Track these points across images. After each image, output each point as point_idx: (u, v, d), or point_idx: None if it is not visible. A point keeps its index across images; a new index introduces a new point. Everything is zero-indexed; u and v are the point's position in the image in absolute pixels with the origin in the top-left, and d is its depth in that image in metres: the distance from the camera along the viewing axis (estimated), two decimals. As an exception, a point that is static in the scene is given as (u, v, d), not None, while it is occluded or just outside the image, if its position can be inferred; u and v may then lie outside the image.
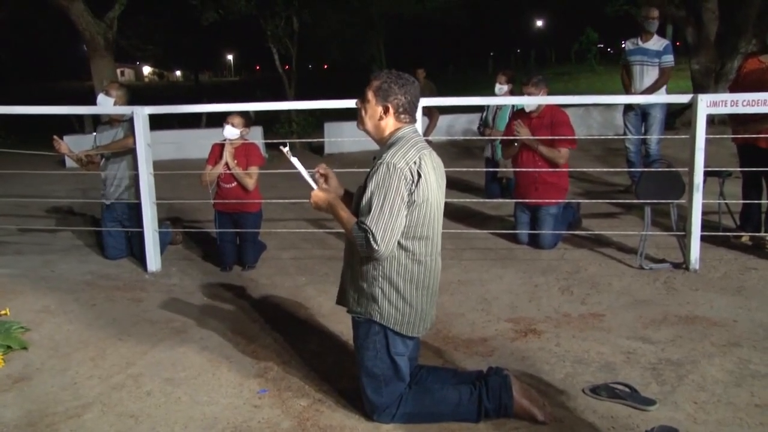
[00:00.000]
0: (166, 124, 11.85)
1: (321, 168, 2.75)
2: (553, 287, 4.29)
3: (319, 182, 2.71)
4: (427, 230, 2.54)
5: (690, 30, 10.80)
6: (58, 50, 32.82)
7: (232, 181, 4.91)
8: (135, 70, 73.45)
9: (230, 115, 4.87)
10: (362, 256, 2.52)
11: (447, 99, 5.29)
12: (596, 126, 10.95)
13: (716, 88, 10.37)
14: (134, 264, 5.10)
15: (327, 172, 2.74)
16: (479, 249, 5.17)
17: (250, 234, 4.99)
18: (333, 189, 2.72)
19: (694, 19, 10.72)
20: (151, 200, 4.85)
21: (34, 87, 33.73)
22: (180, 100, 7.66)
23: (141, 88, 42.26)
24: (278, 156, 10.34)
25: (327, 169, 2.76)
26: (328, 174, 2.74)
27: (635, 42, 6.63)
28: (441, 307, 3.76)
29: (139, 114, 4.71)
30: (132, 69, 72.72)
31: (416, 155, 2.47)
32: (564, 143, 5.02)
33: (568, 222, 5.31)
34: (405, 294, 2.54)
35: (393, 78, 2.53)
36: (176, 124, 12.36)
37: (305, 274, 4.75)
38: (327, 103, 4.92)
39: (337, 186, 2.75)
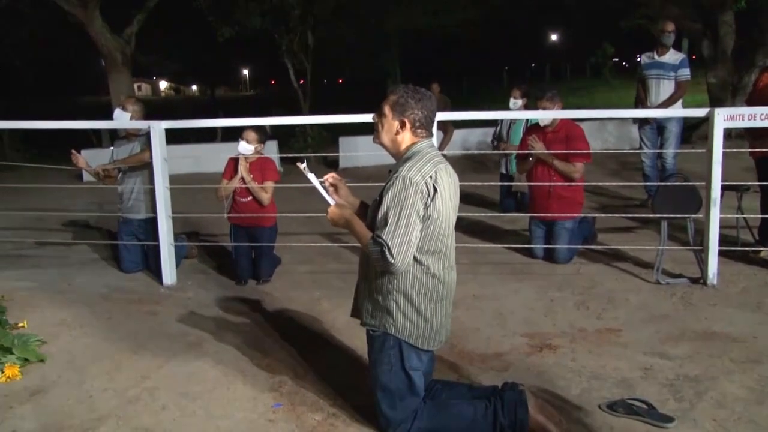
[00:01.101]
0: (183, 138, 11.95)
1: (330, 177, 2.75)
2: (568, 302, 4.27)
3: (329, 190, 2.72)
4: (441, 244, 2.55)
5: (706, 43, 10.74)
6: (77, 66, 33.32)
7: (248, 195, 4.95)
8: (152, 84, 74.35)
9: (245, 131, 4.91)
10: (377, 270, 2.53)
11: (461, 113, 5.31)
12: (612, 140, 10.92)
13: (733, 101, 10.30)
14: (150, 277, 5.14)
15: (336, 181, 2.75)
16: (494, 263, 5.16)
17: (265, 248, 5.02)
18: (343, 197, 2.74)
19: (711, 32, 10.67)
20: (167, 214, 4.89)
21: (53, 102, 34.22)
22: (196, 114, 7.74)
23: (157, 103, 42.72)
24: (293, 170, 10.42)
25: (336, 178, 2.76)
26: (338, 184, 2.75)
27: (651, 56, 6.60)
28: (456, 321, 3.75)
29: (155, 128, 4.77)
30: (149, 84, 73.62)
31: (432, 169, 2.48)
32: (579, 157, 5.02)
33: (583, 236, 5.29)
34: (420, 307, 2.54)
35: (410, 92, 2.55)
36: (192, 138, 12.47)
37: (320, 288, 4.77)
38: (342, 117, 4.95)
39: (347, 194, 2.76)
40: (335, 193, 2.74)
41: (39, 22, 15.72)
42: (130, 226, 5.27)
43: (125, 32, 12.54)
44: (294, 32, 13.52)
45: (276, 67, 19.45)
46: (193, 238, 6.06)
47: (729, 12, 10.47)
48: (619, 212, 6.24)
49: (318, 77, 20.41)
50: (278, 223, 5.22)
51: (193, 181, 6.00)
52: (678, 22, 7.66)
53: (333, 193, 2.73)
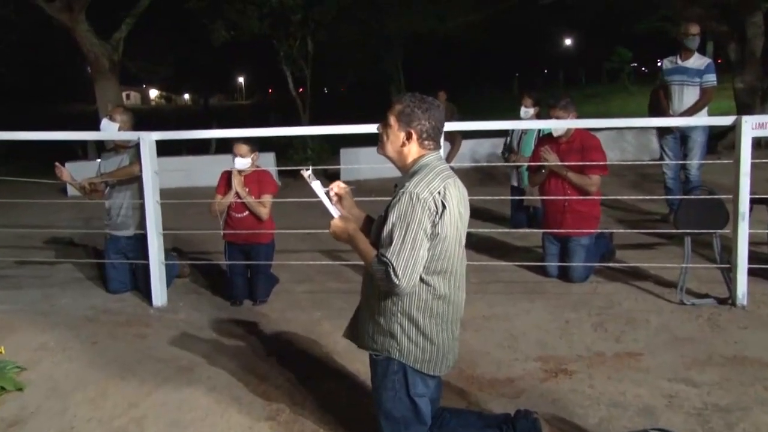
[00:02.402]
0: (174, 150, 12.02)
1: (336, 186, 2.75)
2: (585, 323, 4.26)
3: (333, 201, 2.72)
4: (449, 263, 2.54)
5: (733, 46, 10.69)
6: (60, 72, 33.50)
7: (244, 211, 4.96)
8: (141, 93, 74.81)
9: (235, 146, 4.92)
10: (380, 291, 2.53)
11: (470, 123, 5.32)
12: (630, 150, 10.93)
13: (762, 108, 10.26)
14: (139, 298, 5.15)
15: (342, 191, 2.75)
16: (505, 282, 5.16)
17: (261, 266, 5.03)
18: (347, 209, 2.74)
19: (738, 34, 10.63)
20: (158, 230, 4.91)
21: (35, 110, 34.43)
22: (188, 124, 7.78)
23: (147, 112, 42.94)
24: (292, 183, 10.47)
25: (343, 188, 2.76)
26: (343, 194, 2.75)
27: (674, 60, 6.56)
28: (464, 344, 3.74)
29: (145, 140, 4.80)
30: (138, 92, 74.09)
31: (441, 184, 2.48)
32: (595, 169, 5.02)
33: (600, 253, 5.28)
34: (425, 330, 2.54)
35: (416, 102, 2.56)
36: (184, 150, 12.54)
37: (320, 308, 4.77)
38: (343, 128, 4.95)
39: (351, 206, 2.76)
40: (339, 204, 2.74)
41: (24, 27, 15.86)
42: (118, 244, 5.28)
43: (113, 37, 12.59)
44: (293, 37, 13.62)
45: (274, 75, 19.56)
46: (184, 256, 6.08)
47: (758, 12, 10.41)
48: (639, 227, 6.24)
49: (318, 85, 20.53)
50: (275, 239, 5.23)
51: (185, 195, 6.01)
52: (702, 23, 7.62)
53: (337, 204, 2.73)
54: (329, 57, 18.84)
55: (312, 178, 2.68)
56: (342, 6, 14.78)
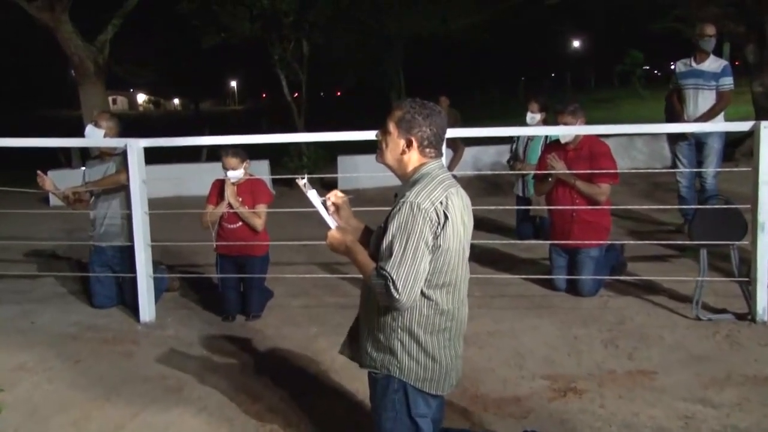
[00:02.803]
0: (163, 157, 12.03)
1: (333, 195, 2.76)
2: (595, 340, 4.26)
3: (330, 211, 2.73)
4: (452, 276, 2.55)
5: (751, 48, 10.64)
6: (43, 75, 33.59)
7: (237, 221, 4.98)
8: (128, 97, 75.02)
9: (224, 159, 4.91)
10: (380, 305, 2.53)
11: (473, 129, 5.34)
12: (642, 158, 10.95)
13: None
14: (125, 313, 5.15)
15: (339, 201, 2.75)
16: (511, 296, 5.16)
17: (255, 280, 5.04)
18: (344, 219, 2.75)
19: (756, 35, 10.59)
20: (146, 242, 4.92)
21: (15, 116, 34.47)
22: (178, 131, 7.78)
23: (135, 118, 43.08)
24: (286, 192, 10.48)
25: (340, 197, 2.76)
26: (340, 204, 2.75)
27: (688, 63, 6.55)
28: (468, 361, 3.74)
29: (133, 147, 4.82)
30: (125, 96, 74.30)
31: (443, 194, 2.49)
32: (604, 177, 5.04)
33: (610, 266, 5.30)
34: (427, 346, 2.54)
35: (417, 108, 2.57)
36: (174, 157, 12.54)
37: (316, 324, 4.77)
38: (341, 134, 4.98)
39: (349, 216, 2.77)
40: (336, 214, 2.74)
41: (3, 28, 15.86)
42: (104, 256, 5.29)
43: (98, 39, 12.55)
44: (287, 40, 13.66)
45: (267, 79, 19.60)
46: (174, 269, 6.08)
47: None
48: (652, 239, 6.24)
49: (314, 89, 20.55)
50: (270, 251, 5.24)
51: (174, 205, 6.04)
52: (719, 24, 7.58)
53: (334, 214, 2.73)
54: (326, 60, 18.87)
55: (308, 187, 2.68)
56: (339, 6, 14.83)
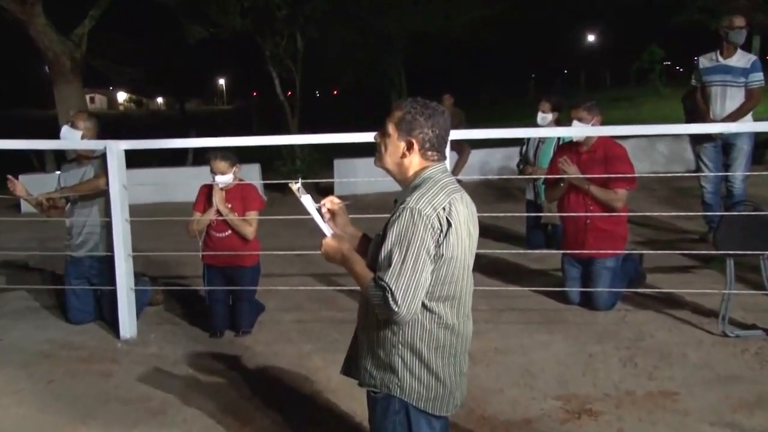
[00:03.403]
0: (146, 161, 12.06)
1: (328, 201, 2.76)
2: (611, 357, 4.26)
3: (326, 217, 2.73)
4: (456, 288, 2.55)
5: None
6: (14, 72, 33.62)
7: (226, 230, 4.98)
8: (108, 96, 75.16)
9: (213, 163, 4.92)
10: (379, 319, 2.53)
11: (480, 131, 5.35)
12: (662, 161, 10.96)
13: None
14: (104, 329, 5.15)
15: (335, 207, 2.75)
16: (520, 310, 5.17)
17: (245, 292, 5.04)
18: (341, 226, 2.75)
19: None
20: (127, 252, 4.92)
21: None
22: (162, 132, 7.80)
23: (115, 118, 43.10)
24: (278, 198, 10.49)
25: (336, 203, 2.75)
26: (336, 210, 2.75)
27: (713, 58, 6.51)
28: (474, 380, 3.75)
29: (112, 149, 4.82)
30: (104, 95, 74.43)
31: (446, 200, 2.49)
32: (621, 182, 5.05)
33: (628, 277, 5.30)
34: (430, 364, 2.54)
35: (418, 108, 2.57)
36: (157, 161, 12.56)
37: (311, 340, 4.77)
38: (337, 136, 4.99)
39: (345, 223, 2.77)
40: (332, 221, 2.75)
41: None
42: (81, 267, 5.29)
43: (75, 32, 12.49)
44: (280, 35, 13.69)
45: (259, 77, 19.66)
46: (157, 281, 6.08)
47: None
48: (673, 248, 6.24)
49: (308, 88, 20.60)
50: (261, 262, 5.25)
51: (158, 212, 6.04)
52: (747, 15, 7.53)
53: (330, 221, 2.74)
54: (321, 57, 18.93)
55: (302, 192, 2.68)
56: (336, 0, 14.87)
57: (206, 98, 73.49)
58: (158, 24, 21.02)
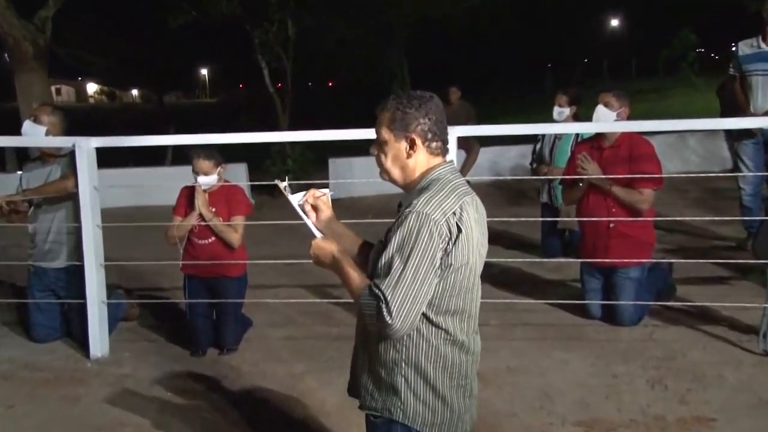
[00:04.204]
0: (120, 160, 12.07)
1: (311, 195, 2.75)
2: (638, 379, 4.27)
3: (311, 215, 2.73)
4: (465, 300, 2.55)
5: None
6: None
7: (209, 236, 4.99)
8: (76, 87, 75.26)
9: (195, 162, 4.92)
10: (379, 334, 2.53)
11: (490, 126, 5.37)
12: (695, 159, 10.97)
13: None
14: (71, 348, 5.14)
15: (317, 202, 2.75)
16: (535, 325, 5.17)
17: (230, 306, 5.04)
18: (324, 224, 2.74)
19: None
20: (98, 261, 4.92)
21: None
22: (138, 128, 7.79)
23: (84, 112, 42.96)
24: (268, 201, 10.49)
25: (319, 197, 2.76)
26: (319, 205, 2.75)
27: (754, 44, 6.48)
28: (485, 403, 3.75)
29: (82, 147, 4.82)
30: (72, 86, 74.52)
31: (457, 203, 2.49)
32: (647, 182, 5.04)
33: (656, 289, 5.30)
34: (436, 385, 2.55)
35: (404, 102, 2.57)
36: (133, 160, 12.59)
37: (304, 359, 4.77)
38: (332, 133, 4.99)
39: (330, 220, 2.76)
40: (316, 218, 2.74)
41: None
42: (46, 279, 5.28)
43: (38, 15, 12.37)
44: (270, 20, 13.70)
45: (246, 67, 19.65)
46: (132, 293, 6.08)
47: None
48: (707, 257, 6.23)
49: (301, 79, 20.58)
50: (248, 272, 5.25)
51: (133, 217, 6.04)
52: None
53: (311, 215, 2.72)
54: (315, 45, 18.93)
55: (288, 191, 2.68)
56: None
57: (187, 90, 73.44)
58: (134, 7, 21.02)
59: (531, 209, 7.79)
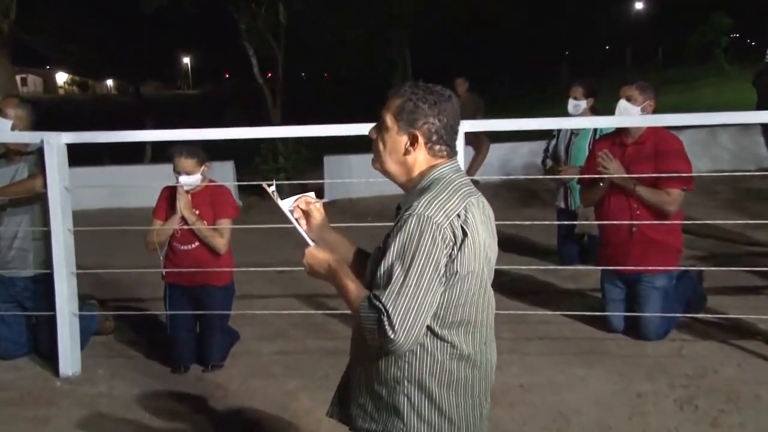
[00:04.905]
0: (93, 157, 12.08)
1: (302, 201, 2.76)
2: (665, 398, 4.27)
3: (302, 222, 2.74)
4: (473, 312, 2.56)
5: None
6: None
7: (192, 241, 5.00)
8: (44, 76, 75.13)
9: (177, 160, 4.92)
10: (379, 349, 2.53)
11: (500, 121, 5.36)
12: (727, 157, 10.97)
13: None
14: (39, 365, 5.15)
15: (310, 208, 2.76)
16: (550, 339, 5.18)
17: (215, 318, 5.05)
18: (317, 232, 2.75)
19: None
20: (69, 270, 4.93)
21: None
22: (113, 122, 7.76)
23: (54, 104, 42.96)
24: (257, 203, 10.49)
25: (310, 202, 2.77)
26: (311, 211, 2.76)
27: None
28: (495, 424, 3.75)
29: (51, 143, 4.83)
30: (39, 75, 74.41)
31: (461, 205, 2.50)
32: (675, 181, 5.04)
33: (684, 300, 5.30)
34: (442, 404, 2.55)
35: (420, 94, 2.57)
36: (108, 158, 12.59)
37: (296, 376, 4.78)
38: (327, 128, 4.99)
39: (322, 228, 2.77)
40: (307, 226, 2.75)
41: None
42: (11, 289, 5.28)
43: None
44: (258, 3, 13.71)
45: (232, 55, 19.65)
46: (107, 305, 6.08)
47: None
48: (741, 264, 6.24)
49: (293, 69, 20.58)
50: (235, 280, 5.26)
51: (109, 220, 6.06)
52: None
53: (305, 225, 2.73)
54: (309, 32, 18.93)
55: (277, 195, 2.70)
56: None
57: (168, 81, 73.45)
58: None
59: (545, 212, 7.79)
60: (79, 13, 27.30)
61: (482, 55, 34.02)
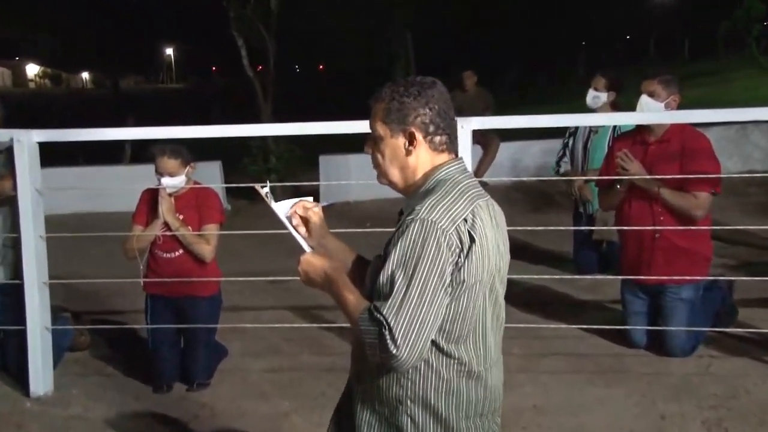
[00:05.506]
0: (68, 157, 12.08)
1: (300, 206, 2.78)
2: (693, 420, 4.27)
3: (299, 228, 2.74)
4: (480, 324, 2.56)
5: None
6: None
7: (176, 248, 5.01)
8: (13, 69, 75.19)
9: (159, 160, 4.92)
10: (381, 365, 2.53)
11: (511, 118, 5.37)
12: (759, 156, 10.97)
13: None
14: (8, 384, 5.15)
15: (308, 213, 2.77)
16: (566, 355, 5.18)
17: (201, 332, 5.05)
18: (316, 238, 2.76)
19: None
20: (41, 279, 4.93)
21: None
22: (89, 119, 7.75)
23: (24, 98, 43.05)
24: (245, 207, 10.49)
25: (308, 207, 2.78)
26: (310, 217, 2.77)
27: None
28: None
29: (21, 142, 4.82)
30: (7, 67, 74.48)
31: (468, 208, 2.50)
32: (703, 183, 5.04)
33: (713, 312, 5.31)
34: (449, 425, 2.56)
35: (401, 90, 2.57)
36: (83, 157, 12.59)
37: (289, 395, 4.78)
38: (323, 125, 5.00)
39: (322, 234, 2.78)
40: (306, 231, 2.76)
41: None
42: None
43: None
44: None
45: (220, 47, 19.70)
46: (82, 318, 6.08)
47: None
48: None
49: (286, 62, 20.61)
50: (223, 291, 5.27)
51: (85, 226, 6.06)
52: None
53: (299, 229, 2.74)
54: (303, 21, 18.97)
55: (270, 197, 2.70)
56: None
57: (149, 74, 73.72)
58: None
59: (561, 216, 7.80)
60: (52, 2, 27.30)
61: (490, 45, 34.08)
